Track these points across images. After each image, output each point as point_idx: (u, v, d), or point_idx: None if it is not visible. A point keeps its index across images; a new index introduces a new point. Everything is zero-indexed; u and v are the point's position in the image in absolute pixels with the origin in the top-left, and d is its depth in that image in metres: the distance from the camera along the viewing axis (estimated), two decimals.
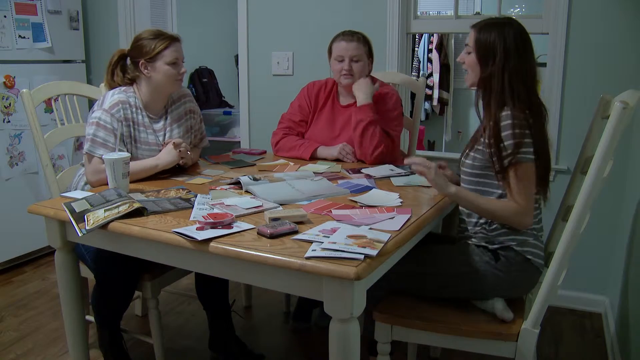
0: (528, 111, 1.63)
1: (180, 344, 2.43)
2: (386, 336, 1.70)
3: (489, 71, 1.68)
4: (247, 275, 1.45)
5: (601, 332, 2.54)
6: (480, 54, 1.69)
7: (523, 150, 1.61)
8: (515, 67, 1.65)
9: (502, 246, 1.70)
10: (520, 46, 1.66)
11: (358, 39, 2.37)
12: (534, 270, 1.70)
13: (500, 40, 1.66)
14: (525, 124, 1.62)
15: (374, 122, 2.30)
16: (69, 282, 1.84)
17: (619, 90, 1.67)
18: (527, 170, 1.63)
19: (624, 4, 2.45)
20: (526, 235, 1.70)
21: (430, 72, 4.98)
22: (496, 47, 1.66)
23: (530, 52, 1.69)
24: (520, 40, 1.66)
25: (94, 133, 2.02)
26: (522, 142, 1.61)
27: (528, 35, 1.70)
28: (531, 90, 1.67)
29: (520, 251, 1.68)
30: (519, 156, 1.61)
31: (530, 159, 1.62)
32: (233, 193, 1.86)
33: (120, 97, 2.08)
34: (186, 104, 2.28)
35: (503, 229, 1.70)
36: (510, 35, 1.66)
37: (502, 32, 1.66)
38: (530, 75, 1.68)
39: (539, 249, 1.71)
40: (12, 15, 3.08)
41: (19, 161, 3.18)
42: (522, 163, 1.62)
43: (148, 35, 2.09)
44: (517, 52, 1.65)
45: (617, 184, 2.52)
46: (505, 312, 1.64)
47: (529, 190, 1.65)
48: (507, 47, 1.65)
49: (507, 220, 1.68)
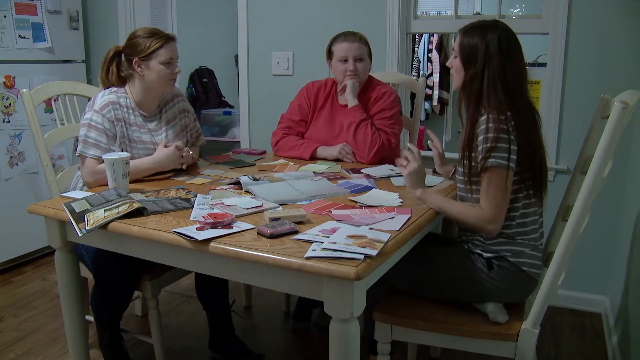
0: (510, 114, 1.59)
1: (180, 344, 2.43)
2: (386, 336, 1.70)
3: (470, 74, 1.65)
4: (247, 275, 1.45)
5: (601, 332, 2.54)
6: (463, 57, 1.67)
7: (495, 155, 1.56)
8: (496, 70, 1.61)
9: (496, 255, 1.67)
10: (504, 49, 1.62)
11: (360, 39, 2.38)
12: (528, 280, 1.68)
13: (482, 43, 1.62)
14: (503, 128, 1.57)
15: (364, 121, 2.32)
16: (69, 282, 1.84)
17: (619, 90, 1.67)
18: (497, 176, 1.58)
19: (624, 4, 2.45)
20: (523, 246, 1.67)
21: (430, 72, 4.98)
22: (477, 51, 1.63)
23: (516, 55, 1.65)
24: (505, 43, 1.62)
25: (86, 134, 2.02)
26: (495, 146, 1.56)
27: (514, 38, 1.66)
28: (516, 94, 1.62)
29: (515, 262, 1.66)
30: (490, 160, 1.57)
31: (503, 165, 1.56)
32: (233, 193, 1.86)
33: (110, 98, 2.07)
34: (179, 103, 2.28)
35: (499, 238, 1.67)
36: (493, 39, 1.62)
37: (484, 35, 1.63)
38: (515, 78, 1.63)
39: (536, 259, 1.68)
40: (12, 15, 3.08)
41: (19, 161, 3.18)
42: (492, 168, 1.58)
43: (143, 33, 2.08)
44: (499, 55, 1.61)
45: (617, 184, 2.52)
46: (500, 315, 1.63)
47: (498, 197, 1.59)
48: (488, 51, 1.61)
49: (474, 227, 1.66)
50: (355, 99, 2.37)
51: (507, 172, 1.57)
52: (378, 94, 2.41)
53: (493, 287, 1.66)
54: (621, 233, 2.49)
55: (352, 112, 2.35)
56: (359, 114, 2.34)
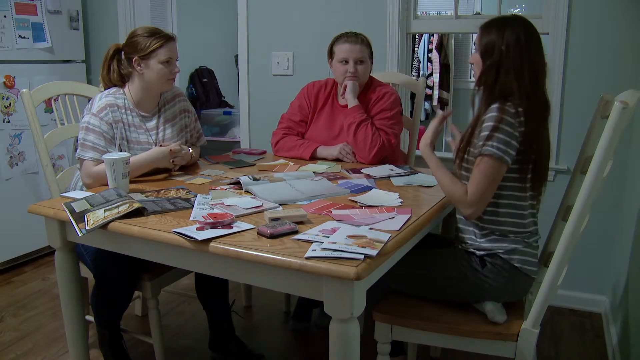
0: (521, 109, 1.60)
1: (180, 344, 2.43)
2: (386, 336, 1.70)
3: (487, 66, 1.67)
4: (247, 275, 1.45)
5: (601, 332, 2.54)
6: (481, 51, 1.69)
7: (493, 144, 1.58)
8: (512, 63, 1.62)
9: (489, 253, 1.68)
10: (522, 43, 1.63)
11: (362, 41, 2.38)
12: (523, 278, 1.68)
13: (499, 38, 1.65)
14: (510, 121, 1.58)
15: (364, 121, 2.32)
16: (69, 282, 1.84)
17: (619, 90, 1.67)
18: (490, 165, 1.59)
19: (624, 4, 2.45)
20: (515, 243, 1.67)
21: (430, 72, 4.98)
22: (494, 45, 1.65)
23: (534, 50, 1.65)
24: (523, 38, 1.63)
25: (84, 137, 2.03)
26: (496, 136, 1.57)
27: (533, 33, 1.66)
28: (532, 87, 1.63)
29: (508, 259, 1.66)
30: (486, 147, 1.58)
31: (497, 155, 1.57)
32: (233, 193, 1.86)
33: (107, 101, 2.08)
34: (180, 103, 2.29)
35: (492, 235, 1.68)
36: (510, 33, 1.64)
37: (501, 30, 1.65)
38: (531, 72, 1.64)
39: (530, 255, 1.68)
40: (12, 15, 3.08)
41: (19, 161, 3.18)
42: (487, 156, 1.59)
43: (143, 32, 2.08)
44: (516, 49, 1.62)
45: (617, 184, 2.52)
46: (498, 315, 1.63)
47: (484, 186, 1.61)
48: (506, 44, 1.63)
49: (452, 201, 1.71)
50: (355, 99, 2.37)
51: (499, 164, 1.59)
52: (379, 94, 2.41)
53: (488, 285, 1.66)
54: (621, 233, 2.49)
55: (352, 112, 2.35)
56: (359, 114, 2.34)
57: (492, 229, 1.68)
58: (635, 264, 2.10)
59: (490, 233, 1.68)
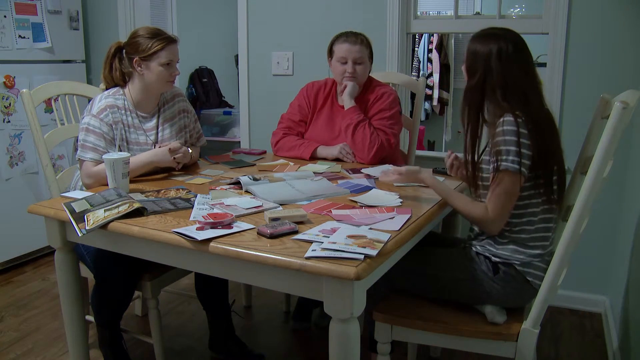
0: (522, 120, 1.58)
1: (180, 344, 2.43)
2: (386, 336, 1.70)
3: (471, 84, 1.66)
4: (247, 275, 1.45)
5: (601, 332, 2.54)
6: (467, 65, 1.69)
7: (505, 158, 1.57)
8: (496, 80, 1.61)
9: (504, 261, 1.67)
10: (504, 59, 1.60)
11: (361, 42, 2.37)
12: (531, 290, 1.67)
13: (483, 53, 1.63)
14: (523, 132, 1.56)
15: (361, 122, 2.32)
16: (69, 282, 1.84)
17: (619, 90, 1.67)
18: (505, 179, 1.58)
19: (624, 4, 2.45)
20: (532, 257, 1.66)
21: (430, 72, 4.98)
22: (477, 61, 1.64)
23: (521, 65, 1.63)
24: (506, 54, 1.61)
25: (84, 138, 2.03)
26: (507, 149, 1.57)
27: (521, 47, 1.64)
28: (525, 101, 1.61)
29: (522, 271, 1.66)
30: (500, 163, 1.58)
31: (512, 168, 1.57)
32: (233, 193, 1.86)
33: (107, 102, 2.08)
34: (179, 103, 2.28)
35: (512, 245, 1.67)
36: (494, 49, 1.61)
37: (486, 45, 1.63)
38: (517, 87, 1.61)
39: (541, 270, 1.66)
40: (12, 15, 3.08)
41: (19, 161, 3.18)
42: (501, 171, 1.58)
43: (145, 33, 2.08)
44: (499, 66, 1.60)
45: (617, 184, 2.52)
46: (497, 316, 1.63)
47: (504, 200, 1.60)
48: (489, 61, 1.61)
49: (474, 221, 1.70)
50: (352, 101, 2.36)
51: (517, 177, 1.58)
52: (377, 94, 2.41)
53: (495, 291, 1.65)
54: (621, 233, 2.49)
55: (349, 113, 2.35)
56: (356, 115, 2.33)
57: (514, 238, 1.67)
58: (635, 264, 2.10)
59: (511, 242, 1.67)
